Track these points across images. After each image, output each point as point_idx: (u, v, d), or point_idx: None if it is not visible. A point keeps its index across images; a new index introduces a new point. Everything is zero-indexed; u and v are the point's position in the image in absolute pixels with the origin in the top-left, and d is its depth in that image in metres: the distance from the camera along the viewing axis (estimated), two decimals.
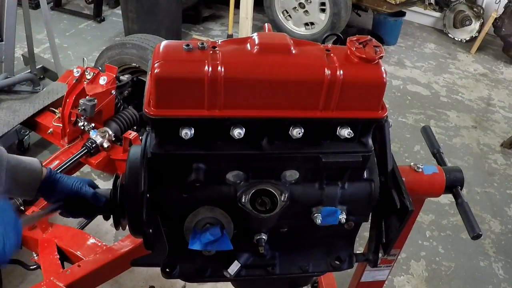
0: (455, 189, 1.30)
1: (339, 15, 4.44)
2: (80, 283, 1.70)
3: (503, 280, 2.56)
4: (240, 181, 1.02)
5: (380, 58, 0.95)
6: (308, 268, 1.20)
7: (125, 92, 2.52)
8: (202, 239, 1.02)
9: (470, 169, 3.37)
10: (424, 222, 2.86)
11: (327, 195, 1.08)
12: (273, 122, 0.96)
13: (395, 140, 3.52)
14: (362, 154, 1.03)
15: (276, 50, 0.94)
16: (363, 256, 1.27)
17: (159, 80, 0.89)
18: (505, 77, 4.77)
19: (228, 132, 0.94)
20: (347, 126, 0.98)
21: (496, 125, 3.96)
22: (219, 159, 0.99)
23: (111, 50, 2.75)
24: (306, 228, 1.12)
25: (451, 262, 2.63)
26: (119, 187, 1.08)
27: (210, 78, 0.88)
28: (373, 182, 1.10)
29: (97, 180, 2.90)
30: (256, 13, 4.62)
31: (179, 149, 0.96)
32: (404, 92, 4.29)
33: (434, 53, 5.06)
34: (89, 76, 2.24)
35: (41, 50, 4.21)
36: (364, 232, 1.24)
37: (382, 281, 1.68)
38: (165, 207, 1.04)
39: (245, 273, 1.16)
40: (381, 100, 0.99)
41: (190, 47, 0.91)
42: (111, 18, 5.04)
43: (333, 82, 0.93)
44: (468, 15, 5.13)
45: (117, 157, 2.26)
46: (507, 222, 2.95)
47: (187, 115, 0.92)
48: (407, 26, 5.46)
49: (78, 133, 2.31)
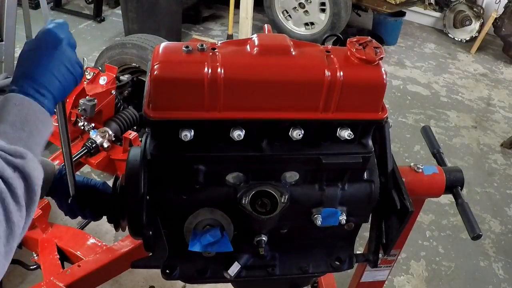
0: (455, 189, 1.30)
1: (339, 15, 4.44)
2: (80, 283, 1.70)
3: (503, 280, 2.56)
4: (240, 183, 1.02)
5: (380, 60, 0.95)
6: (308, 269, 1.20)
7: (125, 92, 2.52)
8: (202, 240, 1.02)
9: (470, 169, 3.37)
10: (424, 222, 2.86)
11: (327, 196, 1.08)
12: (273, 124, 0.96)
13: (395, 140, 3.52)
14: (362, 155, 1.03)
15: (276, 52, 0.94)
16: (363, 257, 1.27)
17: (159, 81, 0.89)
18: (505, 77, 4.77)
19: (228, 133, 0.94)
20: (347, 128, 0.98)
21: (496, 125, 3.96)
22: (219, 160, 0.99)
23: (111, 50, 2.74)
24: (306, 229, 1.12)
25: (451, 262, 2.63)
26: (118, 188, 1.08)
27: (210, 80, 0.88)
28: (373, 183, 1.10)
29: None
30: (256, 13, 4.61)
31: (178, 151, 0.96)
32: (404, 92, 4.29)
33: (434, 53, 5.06)
34: (89, 76, 2.24)
35: None
36: (364, 232, 1.24)
37: (382, 281, 1.68)
38: (165, 208, 1.04)
39: (245, 274, 1.16)
40: (381, 101, 0.99)
41: (189, 49, 0.91)
42: (111, 18, 5.03)
43: (333, 84, 0.93)
44: (468, 15, 5.13)
45: (117, 157, 2.26)
46: (507, 222, 2.95)
47: (186, 117, 0.92)
48: (407, 26, 5.46)
49: (78, 133, 2.31)
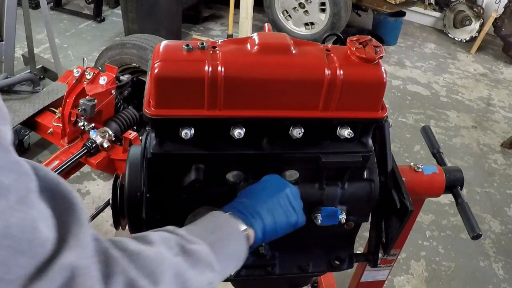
0: (455, 189, 1.29)
1: (339, 15, 4.44)
2: None
3: (503, 280, 2.56)
4: (240, 181, 1.02)
5: (380, 58, 0.95)
6: (308, 268, 1.20)
7: (125, 92, 2.52)
8: None
9: (470, 169, 3.37)
10: (424, 222, 2.86)
11: (327, 195, 1.08)
12: (273, 122, 0.96)
13: (395, 140, 3.52)
14: (362, 154, 1.03)
15: (276, 50, 0.94)
16: (363, 256, 1.27)
17: (159, 80, 0.89)
18: (505, 77, 4.77)
19: (228, 132, 0.94)
20: (347, 126, 0.98)
21: (496, 125, 3.96)
22: (219, 159, 0.99)
23: (111, 50, 2.75)
24: (306, 228, 1.12)
25: (451, 262, 2.63)
26: (119, 187, 1.08)
27: (210, 78, 0.88)
28: (373, 182, 1.10)
29: (97, 180, 2.91)
30: (256, 13, 4.62)
31: (179, 149, 0.96)
32: (404, 92, 4.29)
33: (434, 53, 5.06)
34: (89, 76, 2.24)
35: (41, 50, 4.21)
36: (364, 232, 1.24)
37: (382, 281, 1.68)
38: (164, 207, 1.04)
39: (245, 273, 1.16)
40: (381, 100, 0.99)
41: (190, 47, 0.91)
42: (111, 18, 5.04)
43: (333, 82, 0.93)
44: (468, 15, 5.13)
45: (117, 157, 2.26)
46: (507, 222, 2.95)
47: (187, 115, 0.92)
48: (407, 26, 5.46)
49: (78, 133, 2.31)
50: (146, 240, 0.69)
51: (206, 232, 0.78)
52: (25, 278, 0.50)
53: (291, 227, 0.92)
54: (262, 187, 0.92)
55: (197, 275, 0.70)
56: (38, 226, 0.50)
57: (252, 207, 0.87)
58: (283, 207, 0.90)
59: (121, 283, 0.58)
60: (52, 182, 0.55)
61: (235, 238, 0.81)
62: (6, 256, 0.47)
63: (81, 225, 0.55)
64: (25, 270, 0.50)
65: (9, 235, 0.47)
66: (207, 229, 0.80)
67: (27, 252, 0.49)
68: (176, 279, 0.66)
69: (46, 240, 0.51)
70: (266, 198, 0.89)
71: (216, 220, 0.83)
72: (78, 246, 0.54)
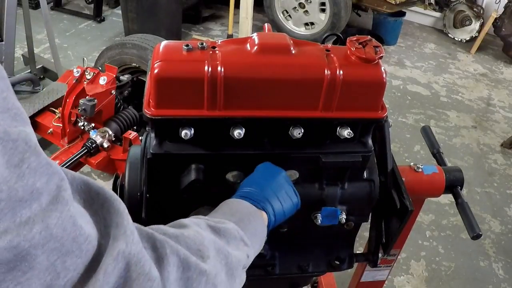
0: (455, 189, 1.30)
1: (339, 15, 4.44)
2: None
3: (503, 280, 2.56)
4: (240, 181, 1.02)
5: (380, 58, 0.95)
6: (308, 268, 1.20)
7: (125, 92, 2.52)
8: None
9: (470, 169, 3.37)
10: (424, 222, 2.86)
11: (327, 195, 1.08)
12: (273, 122, 0.96)
13: (395, 140, 3.52)
14: (362, 154, 1.03)
15: (276, 50, 0.94)
16: (363, 256, 1.27)
17: (159, 80, 0.89)
18: (505, 77, 4.77)
19: (228, 132, 0.94)
20: (347, 126, 0.98)
21: (496, 125, 3.96)
22: (219, 159, 0.99)
23: (111, 50, 2.75)
24: (306, 228, 1.12)
25: (451, 262, 2.63)
26: (119, 187, 1.08)
27: (210, 78, 0.88)
28: (373, 182, 1.10)
29: (97, 180, 2.91)
30: (256, 13, 4.62)
31: (179, 149, 0.96)
32: (404, 92, 4.29)
33: (434, 53, 5.06)
34: (89, 76, 2.24)
35: (41, 50, 4.21)
36: (364, 232, 1.24)
37: (382, 281, 1.68)
38: (164, 207, 1.04)
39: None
40: (381, 100, 0.99)
41: (190, 47, 0.91)
42: (111, 18, 5.04)
43: (333, 82, 0.93)
44: (468, 15, 5.13)
45: (117, 157, 2.26)
46: (507, 222, 2.95)
47: (187, 115, 0.92)
48: (407, 26, 5.46)
49: (78, 133, 2.31)
50: (181, 225, 0.72)
51: (226, 216, 0.81)
52: (76, 281, 0.47)
53: (294, 207, 0.95)
54: (261, 175, 0.95)
55: (234, 250, 0.72)
56: (78, 222, 0.47)
57: (259, 194, 0.89)
58: (285, 190, 0.94)
59: (175, 263, 0.59)
60: (81, 182, 0.53)
61: (255, 218, 0.84)
62: (52, 260, 0.44)
63: (121, 214, 0.54)
64: (74, 272, 0.46)
65: (51, 237, 0.43)
66: (226, 213, 0.82)
67: (73, 252, 0.46)
68: (218, 255, 0.68)
69: (90, 236, 0.48)
70: (268, 184, 0.92)
71: (232, 205, 0.86)
72: (125, 234, 0.52)
